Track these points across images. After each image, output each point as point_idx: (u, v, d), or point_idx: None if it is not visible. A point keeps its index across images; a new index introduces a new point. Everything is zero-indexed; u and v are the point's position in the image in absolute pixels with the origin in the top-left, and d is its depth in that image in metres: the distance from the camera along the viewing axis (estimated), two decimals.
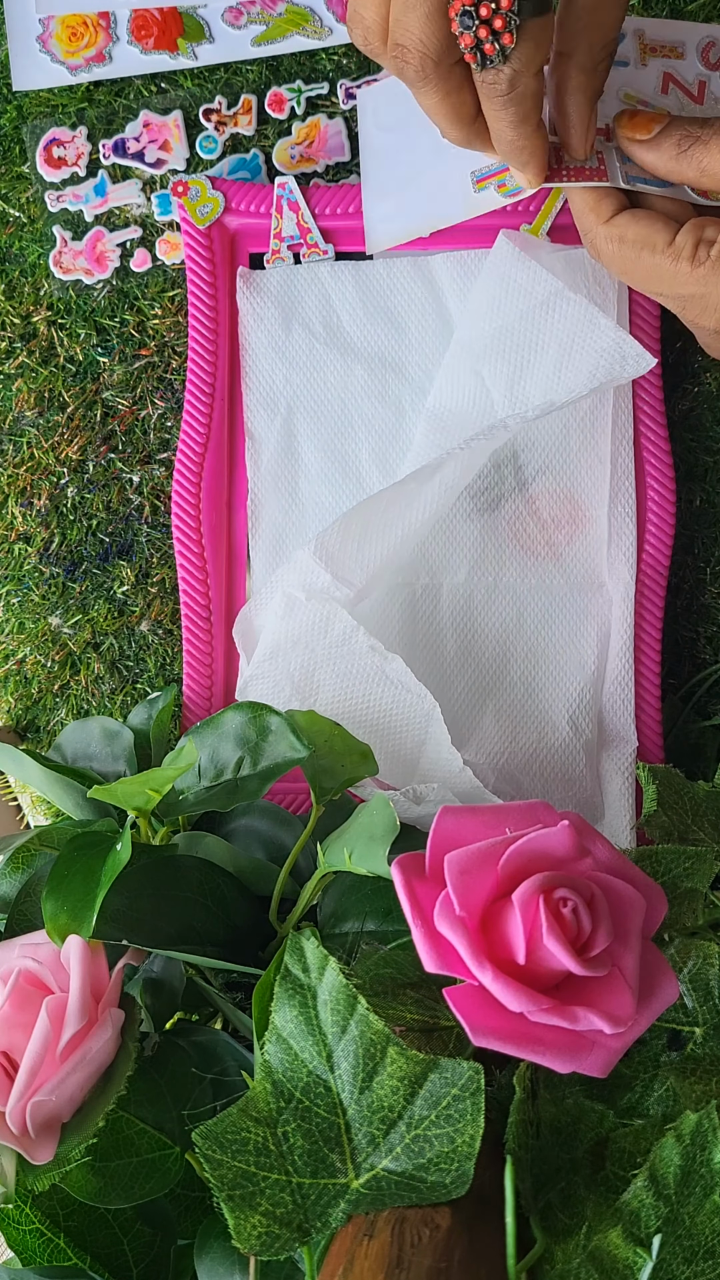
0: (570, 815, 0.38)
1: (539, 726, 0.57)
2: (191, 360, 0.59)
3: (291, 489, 0.59)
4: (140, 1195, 0.40)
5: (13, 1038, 0.40)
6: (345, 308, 0.59)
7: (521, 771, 0.56)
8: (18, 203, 0.62)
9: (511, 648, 0.57)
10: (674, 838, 0.45)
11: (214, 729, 0.47)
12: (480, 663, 0.57)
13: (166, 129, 0.61)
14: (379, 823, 0.41)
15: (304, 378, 0.59)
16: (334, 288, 0.59)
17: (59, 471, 0.62)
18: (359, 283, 0.58)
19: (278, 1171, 0.35)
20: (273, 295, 0.59)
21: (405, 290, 0.58)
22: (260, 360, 0.59)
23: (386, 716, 0.52)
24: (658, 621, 0.57)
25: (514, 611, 0.57)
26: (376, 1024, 0.36)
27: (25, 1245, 0.42)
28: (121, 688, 0.63)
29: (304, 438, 0.59)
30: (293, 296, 0.59)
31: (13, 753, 0.50)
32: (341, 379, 0.59)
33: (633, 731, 0.57)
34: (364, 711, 0.52)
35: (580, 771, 0.56)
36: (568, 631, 0.57)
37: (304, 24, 0.59)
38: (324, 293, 0.59)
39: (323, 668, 0.52)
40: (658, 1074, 0.39)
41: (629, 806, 0.56)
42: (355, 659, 0.51)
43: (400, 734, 0.52)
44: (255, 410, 0.59)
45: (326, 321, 0.59)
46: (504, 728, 0.56)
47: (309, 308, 0.59)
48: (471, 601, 0.57)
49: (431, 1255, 0.33)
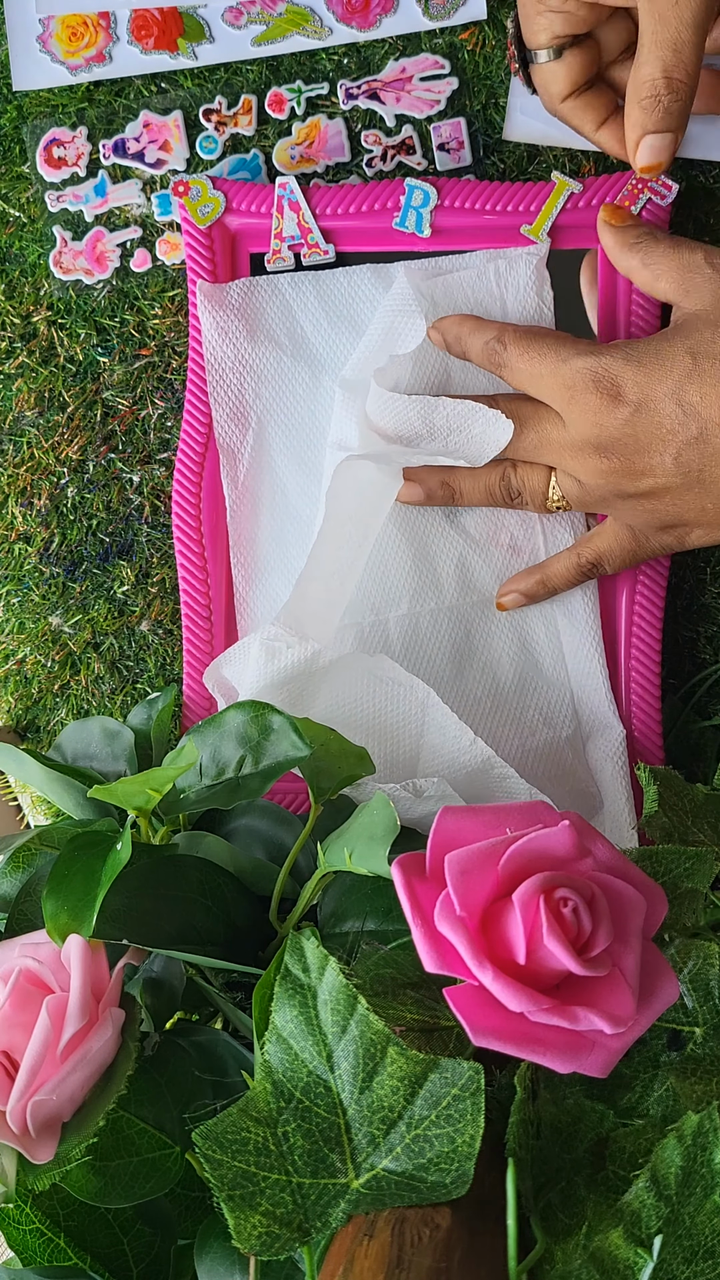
0: (570, 815, 0.38)
1: (518, 731, 0.57)
2: (192, 360, 0.59)
3: (270, 503, 0.59)
4: (140, 1195, 0.40)
5: (13, 1037, 0.40)
6: (308, 318, 0.58)
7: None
8: (18, 203, 0.62)
9: (467, 665, 0.58)
10: (674, 838, 0.45)
11: (215, 728, 0.47)
12: (441, 685, 0.57)
13: (166, 129, 0.61)
14: (379, 822, 0.41)
15: (272, 390, 0.59)
16: (295, 298, 0.58)
17: (59, 471, 0.62)
18: (320, 292, 0.58)
19: (278, 1171, 0.35)
20: (235, 308, 0.58)
21: (367, 298, 0.58)
22: (227, 375, 0.58)
23: (381, 717, 0.52)
24: (658, 622, 0.57)
25: (462, 631, 0.58)
26: (376, 1024, 0.36)
27: (25, 1245, 0.42)
28: (121, 688, 0.63)
29: (277, 451, 0.59)
30: (255, 309, 0.58)
31: (13, 752, 0.50)
32: (309, 390, 0.59)
33: (614, 718, 0.57)
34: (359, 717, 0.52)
35: (571, 764, 0.57)
36: (517, 639, 0.58)
37: (304, 24, 0.59)
38: (285, 304, 0.58)
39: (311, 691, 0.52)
40: (658, 1074, 0.39)
41: (625, 792, 0.56)
42: (341, 674, 0.52)
43: (397, 732, 0.52)
44: (225, 425, 0.59)
45: (291, 332, 0.58)
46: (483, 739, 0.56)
47: (272, 319, 0.58)
48: (418, 629, 0.57)
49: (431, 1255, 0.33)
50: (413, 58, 0.59)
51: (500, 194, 0.56)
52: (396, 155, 0.59)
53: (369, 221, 0.57)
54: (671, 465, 0.48)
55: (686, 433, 0.47)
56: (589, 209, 0.56)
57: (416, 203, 0.57)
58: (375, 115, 0.59)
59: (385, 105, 0.59)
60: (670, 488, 0.49)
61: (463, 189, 0.56)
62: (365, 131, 0.59)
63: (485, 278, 0.56)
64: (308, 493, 0.59)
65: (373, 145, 0.59)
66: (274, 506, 0.59)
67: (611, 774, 0.56)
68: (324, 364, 0.59)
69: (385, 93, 0.59)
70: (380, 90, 0.59)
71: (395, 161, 0.59)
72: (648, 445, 0.48)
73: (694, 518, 0.50)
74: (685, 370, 0.47)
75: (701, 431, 0.47)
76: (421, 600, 0.57)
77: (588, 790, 0.57)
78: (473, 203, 0.56)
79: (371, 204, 0.57)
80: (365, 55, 0.59)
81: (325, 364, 0.59)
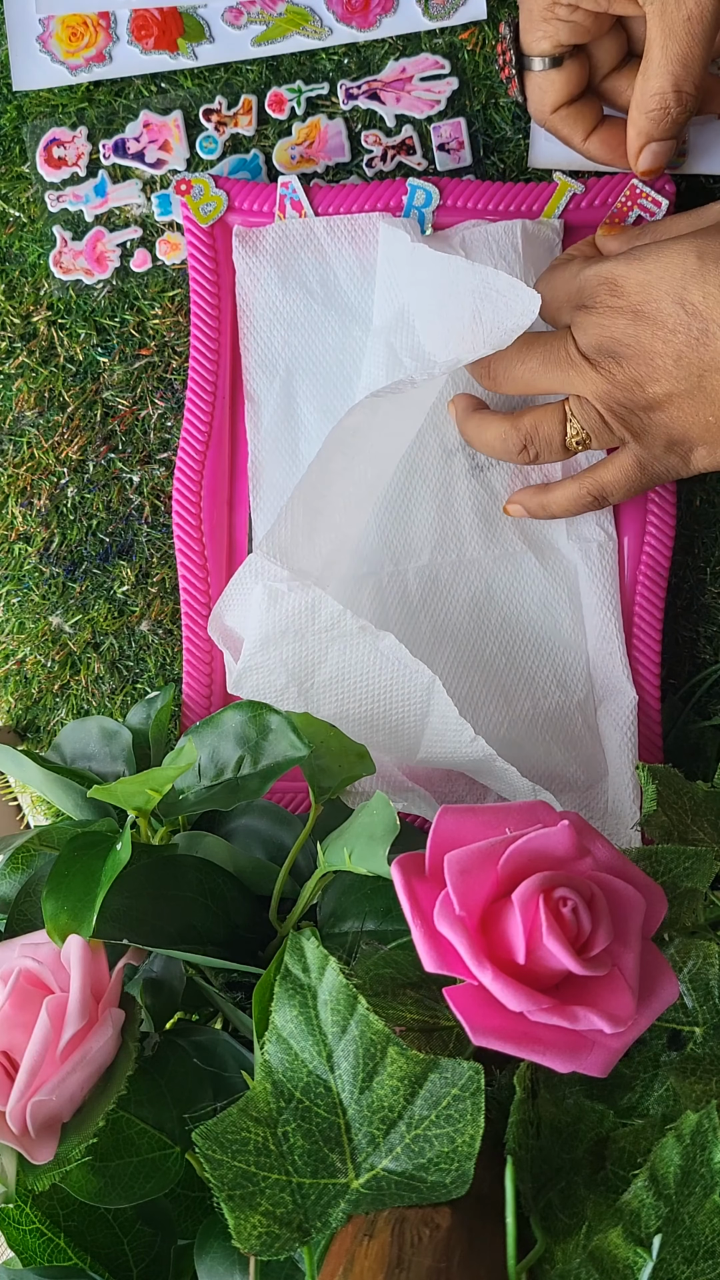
0: (570, 815, 0.38)
1: (530, 693, 0.57)
2: (193, 359, 0.59)
3: (292, 450, 0.59)
4: (140, 1195, 0.40)
5: (13, 1037, 0.40)
6: (342, 266, 0.58)
7: (524, 738, 0.56)
8: (18, 203, 0.62)
9: (485, 621, 0.57)
10: (674, 838, 0.45)
11: (213, 728, 0.47)
12: (457, 640, 0.57)
13: (166, 129, 0.61)
14: (379, 822, 0.41)
15: (302, 339, 0.58)
16: (330, 246, 0.58)
17: (59, 471, 0.62)
18: (355, 241, 0.58)
19: (278, 1171, 0.35)
20: (269, 254, 0.58)
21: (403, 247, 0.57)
22: (258, 321, 0.58)
23: (386, 695, 0.52)
24: (658, 622, 0.57)
25: (482, 585, 0.57)
26: (376, 1024, 0.36)
27: (25, 1245, 0.42)
28: (121, 688, 0.63)
29: (303, 399, 0.59)
30: (289, 255, 0.58)
31: (12, 753, 0.50)
32: (339, 339, 0.58)
33: (627, 683, 0.56)
34: (363, 693, 0.52)
35: (579, 731, 0.56)
36: (538, 597, 0.58)
37: (304, 24, 0.59)
38: (320, 250, 0.58)
39: (316, 654, 0.52)
40: (658, 1074, 0.39)
41: (631, 761, 0.56)
42: (348, 642, 0.51)
43: (401, 710, 0.52)
44: (254, 373, 0.59)
45: (324, 280, 0.58)
46: (496, 698, 0.56)
47: (306, 266, 0.58)
48: (438, 581, 0.57)
49: (431, 1255, 0.33)
50: (413, 58, 0.59)
51: (502, 194, 0.56)
52: (396, 155, 0.59)
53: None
54: (673, 367, 0.47)
55: (688, 333, 0.46)
56: (591, 209, 0.56)
57: (419, 202, 0.57)
58: (375, 115, 0.59)
59: (385, 105, 0.59)
60: (674, 394, 0.48)
61: (464, 189, 0.56)
62: (365, 132, 0.59)
63: (512, 231, 0.56)
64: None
65: (373, 145, 0.59)
66: (296, 456, 0.59)
67: (619, 742, 0.56)
68: (355, 313, 0.58)
69: (385, 93, 0.59)
70: (380, 90, 0.59)
71: (395, 162, 0.59)
72: (650, 348, 0.47)
73: (698, 434, 0.49)
74: (690, 270, 0.46)
75: (704, 332, 0.46)
76: (443, 552, 0.57)
77: (594, 758, 0.56)
78: (474, 203, 0.56)
79: (373, 203, 0.57)
80: (365, 55, 0.59)
81: (356, 313, 0.58)
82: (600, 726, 0.57)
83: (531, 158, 0.58)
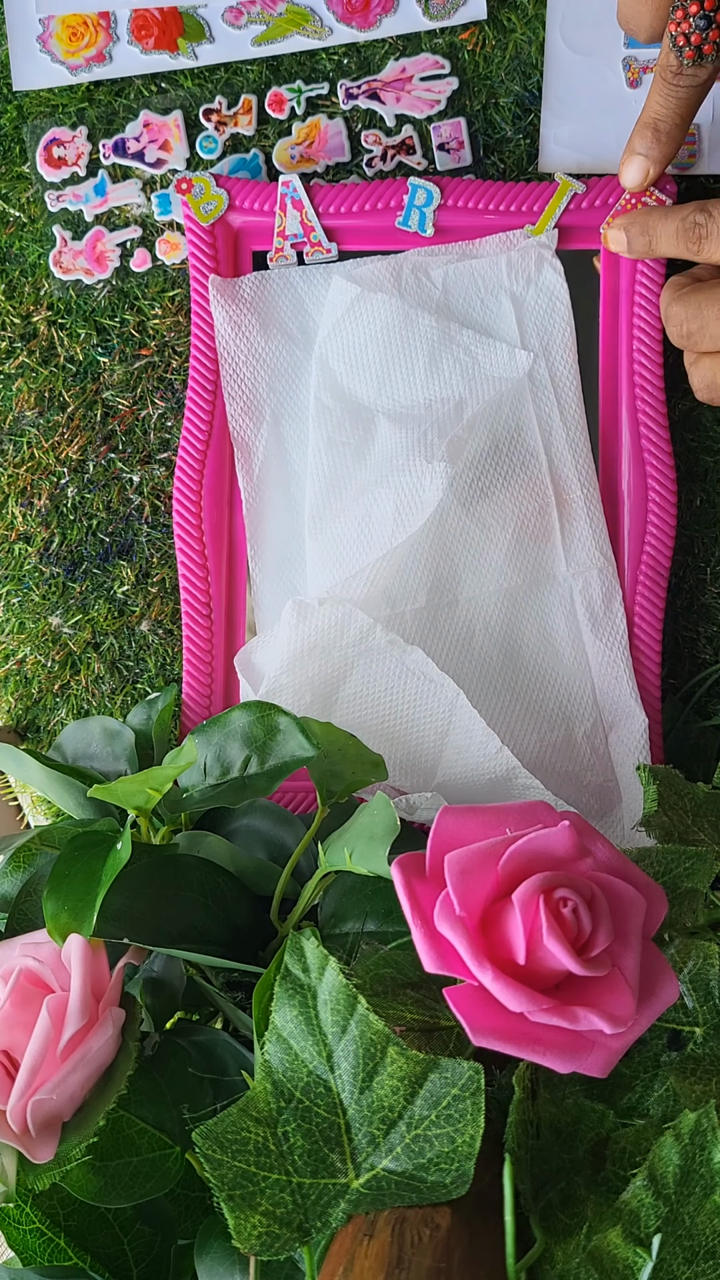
0: (570, 815, 0.38)
1: (536, 727, 0.57)
2: (193, 359, 0.59)
3: (285, 496, 0.59)
4: (140, 1195, 0.41)
5: (14, 1037, 0.40)
6: (320, 312, 0.58)
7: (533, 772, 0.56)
8: (18, 203, 0.62)
9: (486, 657, 0.57)
10: (674, 838, 0.45)
11: (220, 728, 0.47)
12: (459, 677, 0.56)
13: (166, 129, 0.61)
14: (379, 823, 0.41)
15: (286, 384, 0.59)
16: (307, 292, 0.58)
17: (59, 471, 0.62)
18: (330, 288, 0.58)
19: (278, 1171, 0.35)
20: (248, 302, 0.58)
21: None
22: (240, 369, 0.59)
23: (410, 709, 0.52)
24: (658, 622, 0.57)
25: (480, 622, 0.57)
26: (376, 1024, 0.36)
27: (25, 1245, 0.42)
28: (121, 688, 0.63)
29: (291, 444, 0.59)
30: (267, 302, 0.58)
31: (13, 752, 0.50)
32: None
33: (637, 707, 0.56)
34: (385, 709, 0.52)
35: (588, 760, 0.56)
36: (536, 629, 0.57)
37: (304, 24, 0.59)
38: (297, 297, 0.58)
39: (342, 669, 0.52)
40: (658, 1074, 0.39)
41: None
42: (373, 657, 0.51)
43: (422, 727, 0.51)
44: (240, 420, 0.59)
45: (303, 326, 0.59)
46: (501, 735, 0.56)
47: (284, 312, 0.59)
48: (436, 621, 0.57)
49: (431, 1255, 0.33)
50: (413, 58, 0.59)
51: (503, 194, 0.56)
52: (396, 155, 0.59)
53: (372, 220, 0.57)
54: None
55: None
56: (592, 209, 0.56)
57: (420, 202, 0.57)
58: (375, 115, 0.59)
59: (385, 105, 0.59)
60: None
61: (466, 188, 0.56)
62: (365, 131, 0.59)
63: (496, 268, 0.56)
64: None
65: (373, 145, 0.59)
66: (289, 500, 0.59)
67: (633, 769, 0.56)
68: None
69: (385, 93, 0.59)
70: (380, 90, 0.59)
71: (395, 161, 0.59)
72: None
73: None
74: None
75: None
76: (439, 593, 0.57)
77: (605, 785, 0.56)
78: (476, 202, 0.56)
79: (374, 203, 0.57)
80: (365, 55, 0.59)
81: None
82: (612, 753, 0.57)
83: (541, 161, 0.58)
